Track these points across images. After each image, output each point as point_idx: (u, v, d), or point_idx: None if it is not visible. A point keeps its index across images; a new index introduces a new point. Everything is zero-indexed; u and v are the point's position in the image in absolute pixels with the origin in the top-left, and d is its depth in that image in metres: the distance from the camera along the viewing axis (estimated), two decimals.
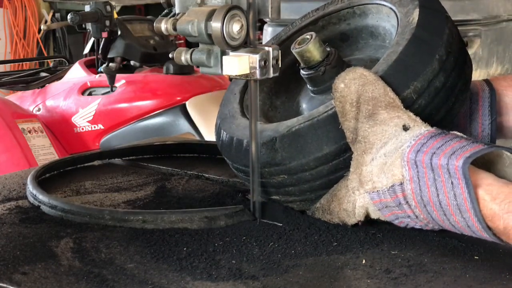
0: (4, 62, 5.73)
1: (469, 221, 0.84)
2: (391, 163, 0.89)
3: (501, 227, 0.82)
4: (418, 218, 0.91)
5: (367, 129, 0.93)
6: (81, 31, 3.47)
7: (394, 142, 0.90)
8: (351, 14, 1.17)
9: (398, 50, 0.98)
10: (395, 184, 0.89)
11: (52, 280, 0.85)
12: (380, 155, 0.91)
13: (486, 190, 0.84)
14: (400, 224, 0.94)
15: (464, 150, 0.84)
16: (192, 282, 0.85)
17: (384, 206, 0.92)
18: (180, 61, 0.99)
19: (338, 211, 0.97)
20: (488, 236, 0.84)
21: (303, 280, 0.85)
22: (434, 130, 0.90)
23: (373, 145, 0.92)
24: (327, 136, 0.97)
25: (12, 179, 1.29)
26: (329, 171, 0.98)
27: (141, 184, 1.26)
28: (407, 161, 0.88)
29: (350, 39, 1.18)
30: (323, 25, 1.19)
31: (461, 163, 0.83)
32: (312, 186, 1.00)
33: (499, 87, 1.12)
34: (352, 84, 0.95)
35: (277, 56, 0.97)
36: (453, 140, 0.87)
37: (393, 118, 0.92)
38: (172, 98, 3.14)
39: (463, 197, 0.83)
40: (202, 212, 1.03)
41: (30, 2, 6.69)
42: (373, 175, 0.91)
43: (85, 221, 1.04)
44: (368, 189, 0.92)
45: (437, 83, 0.97)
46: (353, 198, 0.94)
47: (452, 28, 1.03)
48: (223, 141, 1.09)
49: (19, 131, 3.09)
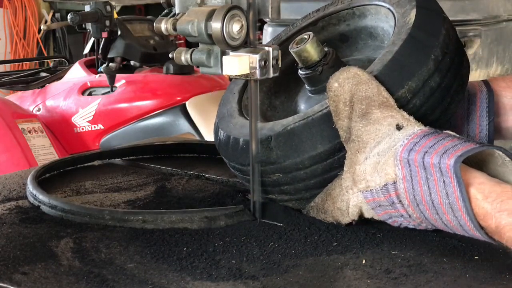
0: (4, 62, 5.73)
1: (461, 220, 0.84)
2: (384, 162, 0.90)
3: (493, 226, 0.83)
4: (411, 217, 0.91)
5: (361, 128, 0.93)
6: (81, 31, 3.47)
7: (387, 141, 0.91)
8: (351, 15, 1.17)
9: (394, 50, 0.99)
10: (388, 183, 0.89)
11: (52, 280, 0.85)
12: (374, 154, 0.91)
13: (478, 189, 0.84)
14: (394, 223, 0.94)
15: (456, 149, 0.85)
16: (192, 282, 0.85)
17: (377, 205, 0.92)
18: (180, 61, 0.99)
19: (332, 210, 0.97)
20: (480, 236, 0.84)
21: (303, 280, 0.85)
22: (427, 129, 0.90)
23: (366, 144, 0.92)
24: (321, 135, 0.97)
25: (12, 179, 1.29)
26: (323, 170, 0.98)
27: (141, 184, 1.26)
28: (400, 160, 0.88)
29: (350, 39, 1.18)
30: (323, 26, 1.20)
31: (453, 162, 0.83)
32: (307, 185, 1.00)
33: (497, 88, 1.12)
34: (345, 84, 0.95)
35: (277, 56, 0.97)
36: (446, 139, 0.87)
37: (387, 117, 0.92)
38: (172, 98, 3.14)
39: (455, 196, 0.84)
40: (202, 212, 1.03)
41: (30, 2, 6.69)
42: (366, 174, 0.91)
43: (85, 221, 1.04)
44: (361, 188, 0.92)
45: (432, 83, 0.97)
46: (347, 197, 0.94)
47: (449, 29, 1.03)
48: (221, 140, 1.10)
49: (19, 131, 3.09)
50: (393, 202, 0.90)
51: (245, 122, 1.08)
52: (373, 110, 0.93)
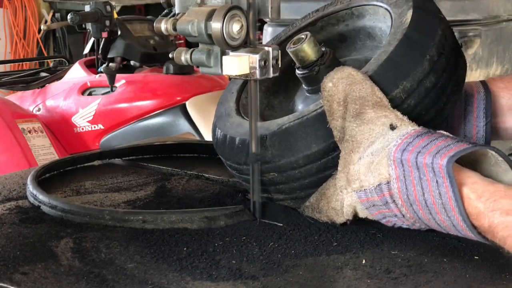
0: (4, 62, 5.73)
1: (454, 220, 0.85)
2: (378, 162, 0.90)
3: (486, 225, 0.83)
4: (404, 217, 0.91)
5: (355, 128, 0.93)
6: (81, 31, 3.47)
7: (381, 141, 0.91)
8: (349, 15, 1.17)
9: (389, 50, 0.99)
10: (382, 183, 0.90)
11: (52, 280, 0.85)
12: (367, 154, 0.92)
13: (471, 189, 0.84)
14: (388, 223, 0.94)
15: (449, 149, 0.85)
16: (192, 282, 0.85)
17: (371, 205, 0.93)
18: (180, 61, 0.99)
19: (327, 209, 0.97)
20: (473, 235, 0.85)
21: (303, 280, 0.85)
22: (420, 129, 0.90)
23: (360, 144, 0.93)
24: (315, 135, 0.97)
25: (12, 179, 1.29)
26: (317, 169, 0.98)
27: (141, 184, 1.26)
28: (393, 160, 0.88)
29: (348, 40, 1.19)
30: (322, 26, 1.20)
31: (445, 162, 0.83)
32: (301, 184, 1.00)
33: (495, 89, 1.12)
34: (339, 84, 0.95)
35: (277, 56, 0.97)
36: (439, 139, 0.87)
37: (380, 117, 0.93)
38: (172, 98, 3.14)
39: (447, 196, 0.84)
40: (202, 212, 1.03)
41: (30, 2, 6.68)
42: (360, 174, 0.92)
43: (85, 221, 1.04)
44: (355, 187, 0.92)
45: (427, 83, 0.97)
46: (341, 197, 0.95)
47: (446, 29, 1.03)
48: (218, 139, 1.10)
49: (19, 131, 3.09)
50: (386, 202, 0.91)
51: (242, 121, 1.08)
52: (367, 110, 0.93)
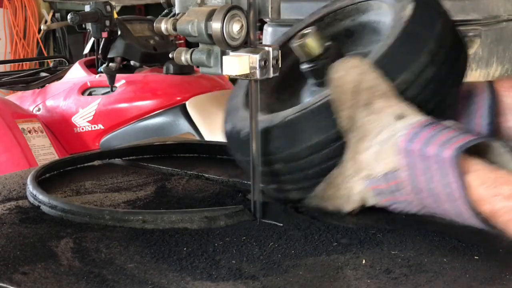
0: (4, 62, 5.72)
1: (459, 208, 0.87)
2: (386, 151, 0.92)
3: (488, 211, 0.85)
4: (411, 205, 0.94)
5: (364, 117, 0.95)
6: (81, 31, 3.47)
7: (388, 131, 0.93)
8: (355, 10, 1.19)
9: (388, 43, 1.00)
10: (389, 172, 0.92)
11: (52, 280, 0.85)
12: (376, 143, 0.94)
13: (474, 176, 0.86)
14: (395, 210, 0.96)
15: (455, 141, 0.87)
16: (192, 282, 0.85)
17: (379, 192, 0.95)
18: (180, 61, 0.99)
19: (335, 198, 0.99)
20: (478, 223, 0.86)
21: (303, 280, 0.85)
22: (427, 120, 0.92)
23: (369, 133, 0.95)
24: (318, 126, 0.99)
25: (12, 179, 1.29)
26: (320, 160, 1.00)
27: (141, 184, 1.26)
28: (400, 149, 0.90)
29: (355, 35, 1.21)
30: (329, 22, 1.22)
31: (452, 153, 0.86)
32: (306, 175, 1.02)
33: (500, 88, 1.13)
34: (349, 73, 0.97)
35: (277, 56, 0.97)
36: (445, 130, 0.90)
37: (389, 107, 0.95)
38: (172, 98, 3.13)
39: (453, 186, 0.86)
40: (202, 212, 1.03)
41: (30, 2, 6.68)
42: (368, 163, 0.94)
43: (85, 221, 1.04)
44: (363, 176, 0.95)
45: (426, 76, 0.98)
46: (350, 185, 0.97)
47: (446, 22, 1.04)
48: (227, 131, 1.13)
49: (19, 131, 3.09)
50: (394, 190, 0.93)
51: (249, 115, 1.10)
52: (376, 100, 0.95)
